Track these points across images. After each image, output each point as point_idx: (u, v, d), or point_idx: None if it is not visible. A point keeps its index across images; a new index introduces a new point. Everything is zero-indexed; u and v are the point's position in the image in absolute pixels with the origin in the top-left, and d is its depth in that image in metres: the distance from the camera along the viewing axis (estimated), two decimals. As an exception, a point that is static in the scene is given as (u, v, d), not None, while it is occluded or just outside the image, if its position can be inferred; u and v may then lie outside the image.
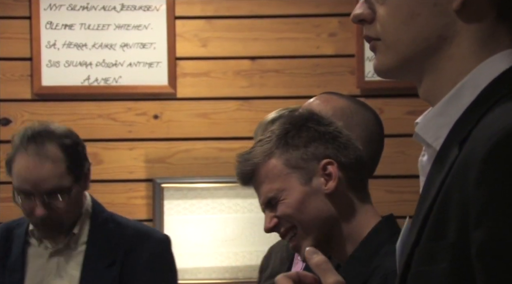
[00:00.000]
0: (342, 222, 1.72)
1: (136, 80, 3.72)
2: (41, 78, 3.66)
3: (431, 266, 1.08)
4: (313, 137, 1.72)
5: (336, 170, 1.71)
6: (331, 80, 3.76)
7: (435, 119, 1.17)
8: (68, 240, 2.45)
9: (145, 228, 2.61)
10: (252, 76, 3.78)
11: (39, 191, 2.36)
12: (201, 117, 3.76)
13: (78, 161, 2.43)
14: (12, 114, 3.67)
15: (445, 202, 1.09)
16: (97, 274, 2.42)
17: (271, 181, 1.72)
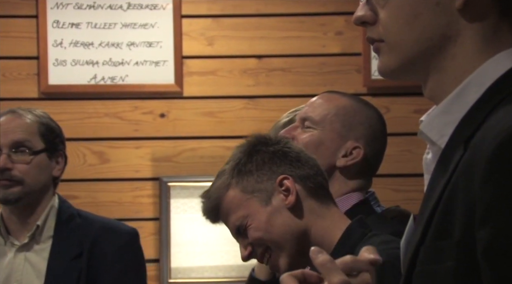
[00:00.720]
0: (312, 231, 1.76)
1: (143, 79, 3.72)
2: (47, 77, 3.66)
3: (436, 265, 1.08)
4: (263, 159, 1.77)
5: (293, 184, 1.75)
6: (337, 79, 3.75)
7: (440, 117, 1.17)
8: (33, 233, 2.45)
9: (112, 222, 2.63)
10: (258, 75, 3.78)
11: (7, 141, 2.44)
12: (208, 116, 3.76)
13: (51, 136, 2.51)
14: (19, 113, 3.68)
15: (450, 201, 1.09)
16: (63, 266, 2.42)
17: (234, 211, 1.77)
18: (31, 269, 2.45)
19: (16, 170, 2.44)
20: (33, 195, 2.47)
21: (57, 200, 2.53)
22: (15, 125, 2.49)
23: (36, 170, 2.47)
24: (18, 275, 2.44)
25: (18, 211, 2.48)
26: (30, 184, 2.46)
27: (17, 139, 2.46)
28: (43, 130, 2.50)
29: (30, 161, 2.46)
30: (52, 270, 2.42)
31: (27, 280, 2.43)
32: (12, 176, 2.44)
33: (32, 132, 2.49)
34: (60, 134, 2.57)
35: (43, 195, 2.50)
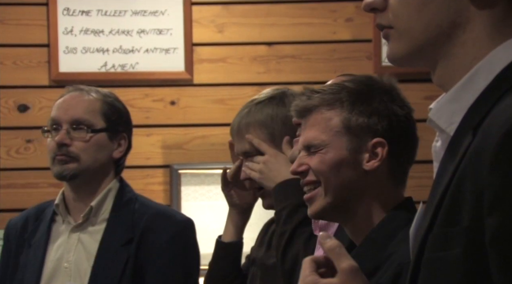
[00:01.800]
0: (366, 200, 1.70)
1: (153, 66, 3.73)
2: (58, 64, 3.67)
3: (444, 252, 1.08)
4: (380, 111, 1.69)
5: (384, 154, 1.69)
6: (348, 66, 3.75)
7: (449, 104, 1.17)
8: (88, 214, 2.45)
9: (168, 210, 2.61)
10: (269, 62, 3.78)
11: (67, 118, 2.44)
12: (218, 103, 3.76)
13: (114, 116, 2.50)
14: (30, 101, 3.69)
15: (458, 188, 1.09)
16: (113, 251, 2.41)
17: (321, 130, 1.71)
18: (83, 250, 2.44)
19: (73, 146, 2.43)
20: (90, 174, 2.46)
21: (117, 183, 2.51)
22: (77, 102, 2.47)
23: (94, 149, 2.45)
24: (70, 255, 2.44)
25: (75, 190, 2.47)
26: (86, 162, 2.44)
27: (77, 115, 2.45)
28: (106, 109, 2.48)
29: (89, 139, 2.45)
30: (101, 254, 2.41)
31: (77, 262, 2.43)
32: (68, 152, 2.43)
33: (94, 110, 2.47)
34: (126, 117, 2.55)
35: (101, 175, 2.49)
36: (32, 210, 2.59)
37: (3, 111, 3.67)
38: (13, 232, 2.56)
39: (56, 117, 2.47)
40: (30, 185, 3.64)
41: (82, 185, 2.47)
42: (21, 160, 3.66)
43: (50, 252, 2.46)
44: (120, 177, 2.55)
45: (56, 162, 2.44)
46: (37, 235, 2.50)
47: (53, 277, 2.44)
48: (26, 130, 3.67)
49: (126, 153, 2.57)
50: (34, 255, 2.47)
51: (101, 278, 2.39)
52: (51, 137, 2.46)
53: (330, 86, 1.75)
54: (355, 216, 1.70)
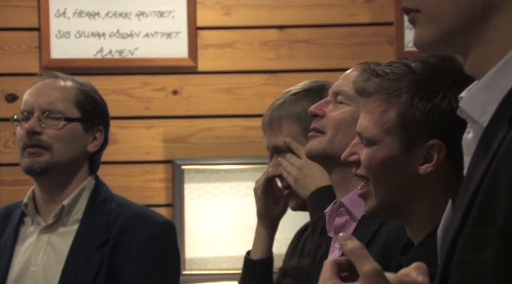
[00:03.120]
0: (424, 203, 1.67)
1: (154, 52, 3.73)
2: (50, 50, 3.69)
3: (477, 255, 1.08)
4: (442, 108, 1.62)
5: (441, 158, 1.63)
6: (367, 51, 3.75)
7: (482, 93, 1.17)
8: (59, 214, 2.44)
9: (147, 211, 2.58)
10: (280, 47, 3.78)
11: (39, 104, 2.43)
12: (224, 93, 3.77)
13: (90, 107, 2.49)
14: (19, 90, 3.70)
15: (492, 184, 1.09)
16: (86, 254, 2.40)
17: (375, 121, 1.67)
18: (52, 253, 2.44)
19: (45, 135, 2.43)
20: (62, 167, 2.45)
21: (93, 181, 2.50)
22: (50, 88, 2.48)
23: (67, 138, 2.45)
24: (38, 258, 2.44)
25: (46, 186, 2.46)
26: (59, 153, 2.43)
27: (50, 102, 2.45)
28: (81, 98, 2.48)
29: (62, 127, 2.44)
30: (73, 257, 2.41)
31: (46, 265, 2.43)
32: (40, 141, 2.42)
33: (68, 98, 2.47)
34: (103, 108, 2.54)
35: (74, 171, 2.48)
36: (0, 211, 2.59)
37: (-10, 101, 3.69)
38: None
39: (27, 104, 2.47)
40: (19, 182, 3.65)
41: (53, 181, 2.46)
42: (10, 155, 3.67)
43: (16, 255, 2.46)
44: (95, 175, 2.54)
45: (26, 155, 2.43)
46: (3, 237, 2.49)
47: (18, 281, 2.43)
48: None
49: (102, 148, 2.54)
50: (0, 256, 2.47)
51: (72, 283, 2.39)
52: (21, 126, 2.46)
53: (394, 68, 1.67)
54: (413, 218, 1.68)
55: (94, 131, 2.50)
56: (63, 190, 2.47)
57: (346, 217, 2.00)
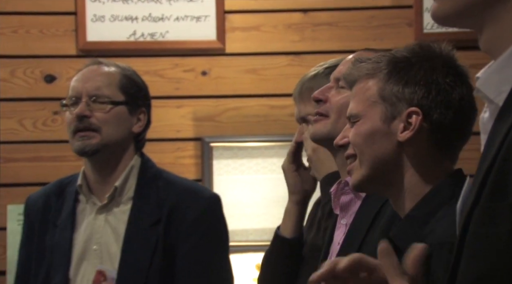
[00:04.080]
0: (406, 173, 1.69)
1: (184, 35, 3.73)
2: (85, 33, 3.69)
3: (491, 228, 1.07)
4: (418, 79, 1.67)
5: (419, 123, 1.66)
6: (387, 33, 3.72)
7: (498, 73, 1.16)
8: (112, 195, 2.47)
9: (194, 186, 2.61)
10: (304, 30, 3.77)
11: (87, 90, 2.47)
12: (251, 73, 3.76)
13: (133, 90, 2.52)
14: (57, 71, 3.71)
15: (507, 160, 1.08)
16: (141, 232, 2.43)
17: (359, 100, 1.71)
18: (110, 232, 2.47)
19: (94, 118, 2.46)
20: (111, 149, 2.48)
21: (139, 159, 2.53)
22: (96, 75, 2.52)
23: (114, 121, 2.48)
24: (98, 237, 2.47)
25: (97, 167, 2.50)
26: (107, 135, 2.47)
27: (96, 87, 2.48)
28: (125, 83, 2.52)
29: (109, 111, 2.48)
30: (130, 236, 2.44)
31: (106, 243, 2.46)
32: (90, 124, 2.46)
33: (113, 83, 2.51)
34: (145, 91, 2.58)
35: (122, 151, 2.51)
36: (53, 187, 2.61)
37: (30, 81, 3.69)
38: (34, 210, 2.58)
39: (75, 90, 2.50)
40: (57, 158, 3.67)
41: (104, 161, 2.49)
42: (48, 132, 3.69)
43: (77, 234, 2.49)
44: (141, 153, 2.56)
45: (77, 138, 2.47)
46: (62, 215, 2.52)
47: (83, 259, 2.47)
48: (53, 101, 3.68)
49: (146, 129, 2.58)
50: (61, 236, 2.49)
51: (131, 261, 2.42)
52: (70, 112, 2.49)
53: (376, 55, 1.74)
54: (397, 189, 1.69)
55: (138, 113, 2.53)
56: (113, 170, 2.50)
57: (351, 195, 2.00)
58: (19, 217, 3.60)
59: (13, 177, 3.64)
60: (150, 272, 2.41)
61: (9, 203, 3.62)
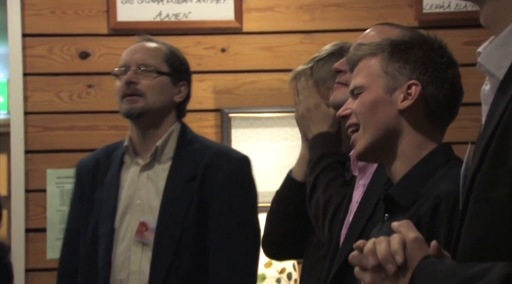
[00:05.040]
0: (403, 140, 1.70)
1: (204, 15, 3.70)
2: (116, 14, 3.66)
3: (492, 192, 1.06)
4: (417, 57, 1.71)
5: (418, 94, 1.69)
6: (390, 13, 3.69)
7: (499, 48, 1.14)
8: (154, 154, 2.50)
9: (226, 149, 2.66)
10: (314, 10, 3.73)
11: (135, 60, 2.51)
12: (266, 50, 3.74)
13: (177, 64, 2.56)
14: (91, 48, 3.70)
15: (506, 129, 1.07)
16: (179, 187, 2.46)
17: (364, 75, 1.73)
18: (152, 187, 2.50)
19: (140, 84, 2.49)
20: (154, 113, 2.51)
21: (179, 125, 2.56)
22: (144, 48, 2.56)
23: (158, 88, 2.51)
24: (141, 192, 2.50)
25: (142, 130, 2.53)
26: (151, 100, 2.49)
27: (144, 57, 2.52)
28: (170, 57, 2.56)
29: (154, 79, 2.51)
30: (169, 190, 2.46)
31: (148, 198, 2.49)
32: (136, 90, 2.49)
33: (159, 55, 2.54)
34: (186, 67, 2.61)
35: (164, 117, 2.54)
36: (101, 152, 2.65)
37: (66, 58, 3.68)
38: (84, 172, 2.62)
39: (124, 60, 2.55)
40: (91, 127, 3.67)
41: (147, 124, 2.52)
42: (83, 104, 3.68)
43: (122, 190, 2.52)
44: (181, 121, 2.60)
45: (124, 102, 2.50)
46: (109, 174, 2.56)
47: (127, 212, 2.50)
48: (87, 75, 3.68)
49: (186, 100, 2.61)
50: (108, 193, 2.53)
51: (169, 212, 2.44)
52: (120, 79, 2.53)
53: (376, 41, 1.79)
54: (393, 156, 1.71)
55: (179, 85, 2.56)
56: (155, 132, 2.53)
57: None
58: (57, 180, 3.61)
59: (51, 144, 3.64)
60: (185, 223, 2.43)
61: (48, 168, 3.63)
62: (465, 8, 3.52)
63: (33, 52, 3.66)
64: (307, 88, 2.24)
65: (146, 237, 2.44)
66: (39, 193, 3.61)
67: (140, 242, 2.45)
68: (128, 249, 2.45)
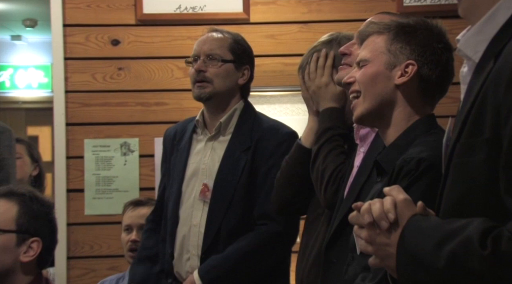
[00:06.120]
0: (396, 110, 1.70)
1: (217, 8, 3.68)
2: (142, 7, 3.64)
3: (470, 158, 1.06)
4: (418, 41, 1.69)
5: (413, 73, 1.68)
6: (376, 6, 3.66)
7: (475, 36, 1.13)
8: (218, 127, 2.53)
9: (277, 124, 2.60)
10: (311, 4, 3.70)
11: (204, 50, 2.52)
12: (269, 38, 3.71)
13: (240, 51, 2.56)
14: (121, 36, 3.68)
15: (482, 105, 1.06)
16: (236, 155, 2.48)
17: (370, 49, 1.72)
18: (214, 155, 2.52)
19: (208, 72, 2.50)
20: (221, 96, 2.52)
21: (243, 104, 2.57)
22: (212, 39, 2.56)
23: (223, 74, 2.51)
24: (206, 159, 2.52)
25: (211, 109, 2.55)
26: (218, 85, 2.50)
27: (211, 48, 2.52)
28: (234, 46, 2.55)
29: (220, 67, 2.51)
30: (226, 158, 2.48)
31: (211, 163, 2.51)
32: (205, 77, 2.50)
33: (224, 45, 2.54)
34: (249, 53, 2.61)
35: (230, 98, 2.54)
36: (181, 124, 2.69)
37: (100, 44, 3.66)
38: (168, 139, 2.67)
39: (196, 50, 2.56)
40: (121, 103, 3.66)
41: (215, 104, 2.54)
42: (114, 84, 3.67)
43: (191, 156, 2.56)
44: (245, 100, 2.60)
45: (196, 87, 2.52)
46: (182, 142, 2.60)
47: (193, 175, 2.53)
48: (118, 60, 3.67)
49: (250, 81, 2.61)
50: (180, 157, 2.57)
51: (225, 176, 2.47)
52: (192, 66, 2.54)
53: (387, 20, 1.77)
54: (386, 122, 1.70)
55: (242, 69, 2.57)
56: (222, 111, 2.55)
57: (367, 129, 1.98)
58: (93, 149, 3.61)
59: (88, 118, 3.64)
60: (238, 185, 2.45)
61: (85, 138, 3.63)
62: (439, 1, 3.50)
63: (72, 40, 3.65)
64: (322, 68, 2.21)
65: (207, 197, 2.46)
66: (77, 159, 3.62)
67: (201, 201, 2.47)
68: (192, 206, 2.48)
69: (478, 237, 1.00)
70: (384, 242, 1.13)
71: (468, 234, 1.02)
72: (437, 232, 1.07)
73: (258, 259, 2.41)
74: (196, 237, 2.45)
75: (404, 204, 1.14)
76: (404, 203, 1.14)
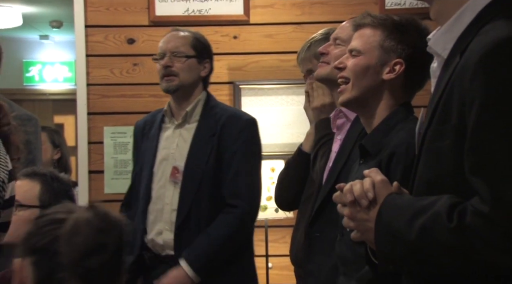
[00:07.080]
0: (380, 101, 1.68)
1: (221, 11, 3.67)
2: (155, 10, 3.63)
3: (439, 143, 1.06)
4: (409, 41, 1.66)
5: (400, 71, 1.65)
6: (360, 9, 3.64)
7: (444, 35, 1.14)
8: (185, 116, 2.51)
9: (238, 112, 2.62)
10: (304, 7, 3.69)
11: (169, 48, 2.52)
12: (267, 37, 3.70)
13: (200, 47, 2.54)
14: (136, 36, 3.67)
15: (449, 96, 1.07)
16: (202, 141, 2.47)
17: (363, 41, 1.68)
18: (182, 141, 2.52)
19: (174, 67, 2.50)
20: (186, 88, 2.52)
21: (205, 94, 2.56)
22: (175, 37, 2.55)
23: (188, 68, 2.51)
24: (174, 145, 2.52)
25: (177, 100, 2.55)
26: (183, 78, 2.50)
27: (176, 46, 2.52)
28: (195, 43, 2.55)
29: (184, 62, 2.51)
30: (195, 143, 2.48)
31: (179, 149, 2.51)
32: (171, 71, 2.50)
33: (187, 43, 2.54)
34: (209, 48, 2.60)
35: (193, 89, 2.54)
36: (149, 115, 2.68)
37: (117, 43, 3.66)
38: (138, 129, 2.66)
39: (162, 48, 2.55)
40: (136, 95, 3.67)
41: (181, 95, 2.53)
42: (130, 78, 3.67)
43: (161, 142, 2.54)
44: (206, 91, 2.59)
45: (164, 81, 2.51)
46: (152, 130, 2.58)
47: (164, 159, 2.52)
48: (133, 56, 3.66)
49: (210, 73, 2.60)
50: (151, 144, 2.56)
51: (194, 159, 2.45)
52: (159, 63, 2.53)
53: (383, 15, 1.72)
54: (370, 111, 1.69)
55: (204, 63, 2.55)
56: (187, 101, 2.54)
57: (344, 119, 1.98)
58: (111, 135, 3.62)
59: (107, 108, 3.64)
60: (206, 167, 2.44)
61: (104, 126, 3.63)
62: (417, 5, 3.49)
63: (93, 39, 3.64)
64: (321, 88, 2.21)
65: (178, 178, 2.45)
66: (98, 145, 3.63)
67: (172, 182, 2.46)
68: (164, 186, 2.47)
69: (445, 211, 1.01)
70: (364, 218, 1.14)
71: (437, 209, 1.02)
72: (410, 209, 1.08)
73: (237, 240, 2.40)
74: (169, 214, 2.43)
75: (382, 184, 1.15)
76: (382, 183, 1.15)
